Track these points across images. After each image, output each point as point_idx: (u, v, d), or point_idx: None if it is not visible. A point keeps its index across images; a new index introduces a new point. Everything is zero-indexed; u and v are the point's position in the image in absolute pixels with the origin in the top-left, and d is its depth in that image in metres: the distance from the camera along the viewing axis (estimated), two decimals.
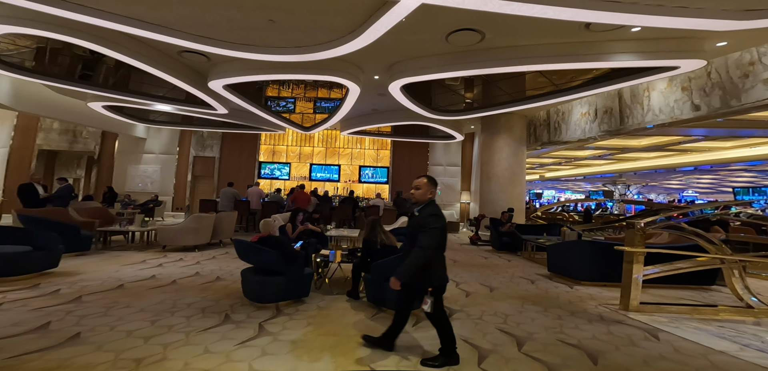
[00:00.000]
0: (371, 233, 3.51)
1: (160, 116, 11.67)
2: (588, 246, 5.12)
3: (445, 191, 13.89)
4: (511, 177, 10.24)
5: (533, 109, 10.09)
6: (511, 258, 7.25)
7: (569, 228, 8.49)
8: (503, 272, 5.66)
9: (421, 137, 12.97)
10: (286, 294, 3.31)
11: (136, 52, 4.92)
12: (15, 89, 7.62)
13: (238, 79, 5.90)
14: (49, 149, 12.67)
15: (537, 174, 26.20)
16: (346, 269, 4.33)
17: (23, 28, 4.11)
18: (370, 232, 3.52)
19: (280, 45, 4.76)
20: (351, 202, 9.63)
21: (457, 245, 8.79)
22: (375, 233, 3.49)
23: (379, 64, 6.24)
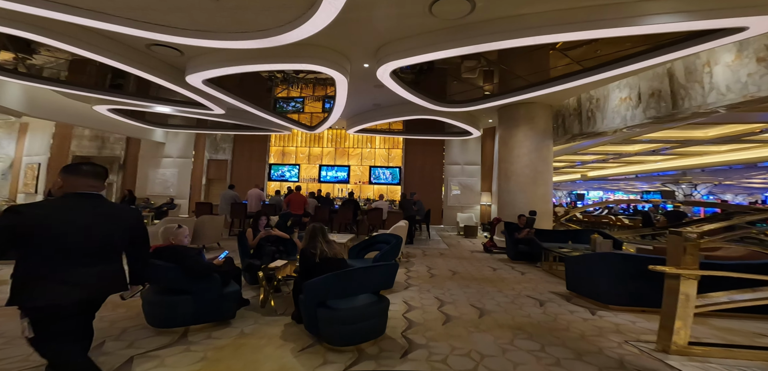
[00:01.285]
0: (310, 243, 2.83)
1: (177, 120, 11.95)
2: (618, 260, 3.99)
3: (463, 193, 12.80)
4: (534, 176, 8.99)
5: (559, 97, 8.80)
6: (527, 270, 6.16)
7: (603, 235, 7.17)
8: (508, 290, 4.68)
9: (435, 134, 12.04)
10: (197, 316, 2.73)
11: (102, 48, 4.72)
12: (28, 96, 7.98)
13: (215, 72, 5.53)
14: (82, 154, 13.54)
15: (577, 173, 23.59)
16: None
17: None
18: (309, 242, 2.84)
19: (237, 29, 4.26)
20: (352, 204, 9.01)
21: (467, 253, 7.80)
22: (314, 244, 2.80)
23: (364, 49, 5.56)
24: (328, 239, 2.86)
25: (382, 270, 2.67)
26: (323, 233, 2.86)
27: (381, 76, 5.87)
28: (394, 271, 2.75)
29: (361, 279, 2.56)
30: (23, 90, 7.84)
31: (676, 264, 2.77)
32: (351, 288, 2.55)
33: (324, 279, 2.47)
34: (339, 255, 2.83)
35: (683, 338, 2.80)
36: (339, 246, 2.91)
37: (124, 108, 9.19)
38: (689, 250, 2.71)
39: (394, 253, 4.20)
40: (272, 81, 10.65)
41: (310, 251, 2.77)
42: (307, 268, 2.75)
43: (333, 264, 2.73)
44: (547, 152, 9.29)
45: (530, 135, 9.12)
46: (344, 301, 2.54)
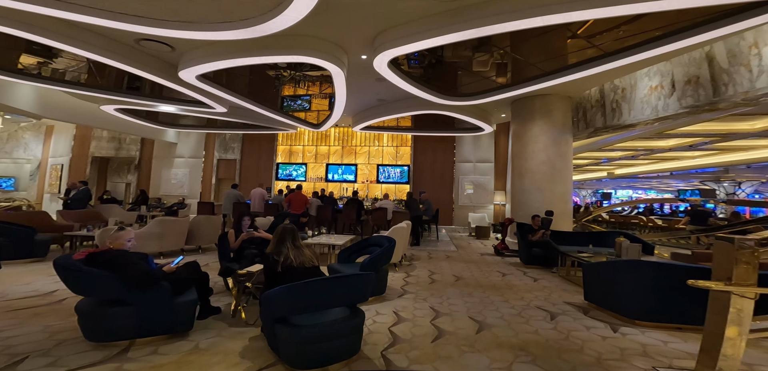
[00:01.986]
0: (275, 248, 2.48)
1: (188, 120, 12.08)
2: (648, 269, 3.39)
3: (475, 192, 12.20)
4: (551, 173, 8.31)
5: (578, 87, 8.10)
6: (541, 276, 5.60)
7: (630, 238, 6.48)
8: (516, 299, 4.18)
9: (445, 131, 11.51)
10: (141, 329, 2.43)
11: (89, 43, 4.61)
12: (40, 98, 8.16)
13: (207, 67, 5.33)
14: (101, 156, 13.98)
15: (603, 171, 22.06)
16: None
17: None
18: (274, 246, 2.50)
19: (220, 19, 4.01)
20: (355, 204, 8.67)
21: (476, 256, 7.29)
22: (279, 249, 2.45)
23: (360, 37, 5.20)
24: (298, 245, 2.51)
25: (352, 282, 2.29)
26: (293, 236, 2.51)
27: (378, 66, 5.49)
28: (368, 282, 2.37)
29: (326, 291, 2.19)
30: (36, 92, 8.03)
31: (724, 277, 2.22)
32: (316, 301, 2.18)
33: (280, 292, 2.12)
34: (309, 263, 2.47)
35: (733, 362, 2.25)
36: (311, 252, 2.55)
37: (132, 108, 9.27)
38: (744, 260, 2.16)
39: (385, 258, 3.82)
40: (279, 79, 10.51)
41: (273, 257, 2.43)
42: (269, 276, 2.42)
43: (296, 274, 2.37)
44: (566, 148, 8.58)
45: (547, 129, 8.45)
46: (309, 316, 2.19)
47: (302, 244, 2.53)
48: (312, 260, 2.48)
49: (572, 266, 5.78)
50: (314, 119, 10.71)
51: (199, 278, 2.85)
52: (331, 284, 2.20)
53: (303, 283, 2.10)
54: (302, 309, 2.16)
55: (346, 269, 3.73)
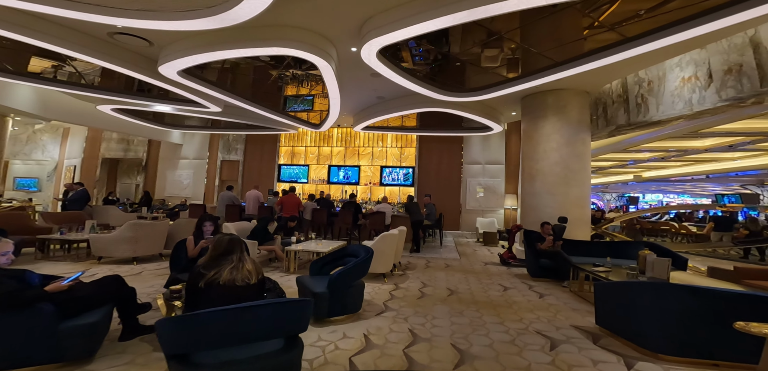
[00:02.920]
0: (208, 261, 2.01)
1: (193, 121, 12.07)
2: (679, 295, 2.72)
3: (485, 195, 11.51)
4: (565, 175, 7.57)
5: (597, 81, 7.36)
6: (548, 291, 4.95)
7: (657, 250, 5.71)
8: (514, 320, 3.59)
9: (451, 130, 10.91)
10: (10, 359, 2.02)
11: (61, 38, 4.41)
12: (40, 99, 8.22)
13: (187, 61, 5.04)
14: (110, 157, 14.24)
15: (629, 173, 20.46)
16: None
17: None
18: (213, 259, 2.01)
19: (184, 7, 3.67)
20: (352, 207, 8.24)
21: (479, 266, 6.68)
22: (218, 263, 1.99)
23: (346, 26, 4.77)
24: (241, 258, 2.03)
25: (283, 310, 1.82)
26: (230, 248, 2.03)
27: (367, 57, 5.04)
28: (305, 309, 1.89)
29: (245, 321, 1.71)
30: (35, 92, 8.08)
31: None
32: (229, 334, 1.72)
33: (172, 323, 1.67)
34: (242, 281, 1.99)
35: None
36: (252, 268, 2.07)
37: (130, 108, 9.24)
38: None
39: (358, 271, 3.34)
40: (282, 79, 10.28)
41: (199, 271, 1.99)
42: (188, 294, 1.98)
43: (218, 293, 1.90)
44: (583, 147, 7.82)
45: (560, 127, 7.73)
46: (223, 352, 1.74)
47: (249, 259, 2.08)
48: (247, 279, 2.01)
49: (586, 281, 5.09)
50: (316, 119, 10.40)
51: (119, 295, 2.47)
52: (251, 312, 1.72)
53: (208, 312, 1.64)
54: (210, 343, 1.71)
55: (313, 283, 3.28)
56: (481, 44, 6.76)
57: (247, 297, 1.88)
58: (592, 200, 29.72)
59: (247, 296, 1.90)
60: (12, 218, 5.46)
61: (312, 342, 2.78)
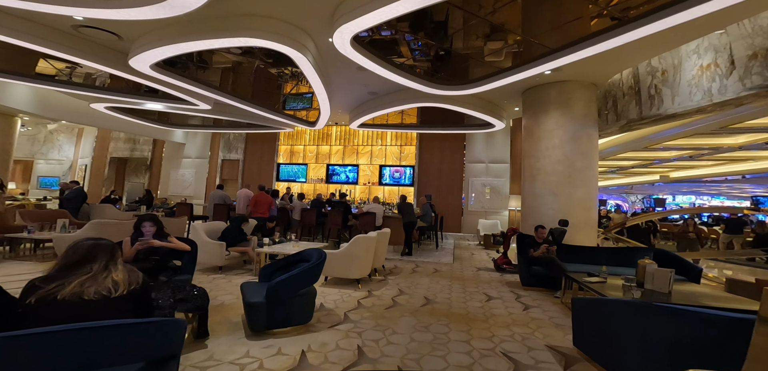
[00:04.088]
0: (61, 271, 1.62)
1: (195, 120, 12.15)
2: (661, 316, 2.23)
3: (487, 197, 10.94)
4: (569, 174, 6.98)
5: (604, 71, 6.76)
6: (537, 303, 4.48)
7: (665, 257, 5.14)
8: (483, 337, 3.18)
9: (452, 127, 10.41)
10: None
11: (23, 32, 4.34)
12: (38, 98, 8.40)
13: (155, 53, 4.85)
14: (118, 156, 14.61)
15: (655, 173, 18.93)
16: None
17: None
18: (62, 269, 1.62)
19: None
20: (341, 207, 7.95)
21: (470, 273, 6.23)
22: (57, 276, 1.59)
23: (318, 13, 4.47)
24: (107, 267, 1.72)
25: (129, 331, 1.48)
26: (90, 256, 1.67)
27: (341, 46, 4.72)
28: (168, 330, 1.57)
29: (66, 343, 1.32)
30: (32, 91, 8.25)
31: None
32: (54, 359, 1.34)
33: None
34: (98, 294, 1.60)
35: None
36: (122, 278, 1.68)
37: (126, 106, 9.32)
38: None
39: (302, 279, 3.03)
40: (281, 77, 10.16)
41: (34, 284, 1.59)
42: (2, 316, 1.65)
43: (51, 313, 1.51)
44: (589, 144, 7.19)
45: (563, 123, 7.14)
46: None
47: (121, 269, 1.78)
48: (107, 292, 1.62)
49: (580, 291, 4.57)
50: (314, 117, 10.18)
51: None
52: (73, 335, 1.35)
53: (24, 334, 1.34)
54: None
55: (252, 291, 2.99)
56: (478, 34, 6.33)
57: (99, 314, 1.58)
58: (616, 201, 28.09)
59: (100, 313, 1.59)
60: None
61: (235, 358, 2.50)
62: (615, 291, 3.64)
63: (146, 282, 1.82)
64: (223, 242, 5.05)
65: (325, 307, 3.78)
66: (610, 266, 5.15)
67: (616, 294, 3.53)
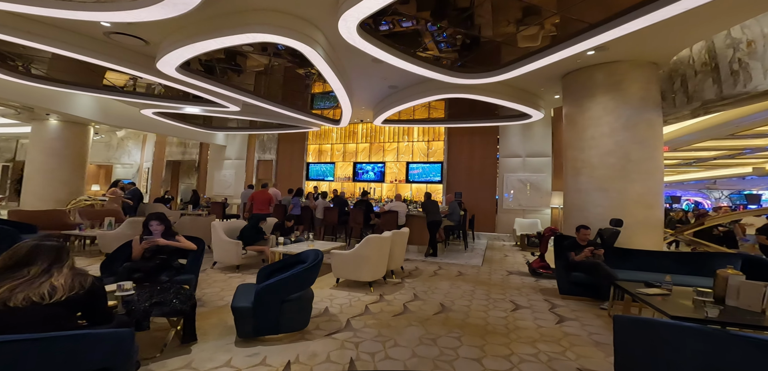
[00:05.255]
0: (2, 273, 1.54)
1: (233, 123, 12.84)
2: (744, 349, 1.62)
3: (528, 194, 10.01)
4: (622, 166, 6.02)
5: (669, 45, 5.73)
6: (576, 314, 3.82)
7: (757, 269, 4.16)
8: (500, 355, 2.70)
9: (484, 120, 9.66)
10: None
11: (59, 40, 4.71)
12: (101, 106, 9.36)
13: (176, 55, 4.99)
14: (172, 160, 15.98)
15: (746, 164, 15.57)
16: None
17: None
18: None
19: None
20: (363, 206, 7.73)
21: (499, 276, 5.63)
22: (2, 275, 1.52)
23: (322, 2, 4.25)
24: (48, 270, 1.57)
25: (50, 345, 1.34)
26: (29, 259, 1.57)
27: (347, 35, 4.46)
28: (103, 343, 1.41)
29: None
30: (96, 101, 9.21)
31: None
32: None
33: None
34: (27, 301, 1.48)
35: None
36: (64, 283, 1.57)
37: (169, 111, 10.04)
38: None
39: (299, 281, 2.81)
40: (308, 77, 10.30)
41: None
42: None
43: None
44: (650, 132, 6.13)
45: (614, 108, 6.18)
46: None
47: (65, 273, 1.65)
48: (39, 298, 1.50)
49: (634, 303, 3.80)
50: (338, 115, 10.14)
51: None
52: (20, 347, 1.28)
53: None
54: None
55: (243, 294, 2.84)
56: (509, 20, 5.68)
57: (21, 323, 1.45)
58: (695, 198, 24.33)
59: (23, 321, 1.46)
60: (52, 215, 6.18)
61: (214, 366, 2.35)
62: (682, 308, 2.93)
63: (93, 287, 1.69)
64: (240, 242, 5.09)
65: (330, 312, 3.56)
66: (678, 274, 4.30)
67: (685, 312, 2.82)
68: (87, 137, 10.40)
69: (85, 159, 10.40)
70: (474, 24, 5.65)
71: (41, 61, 6.66)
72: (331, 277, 4.74)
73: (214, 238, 5.15)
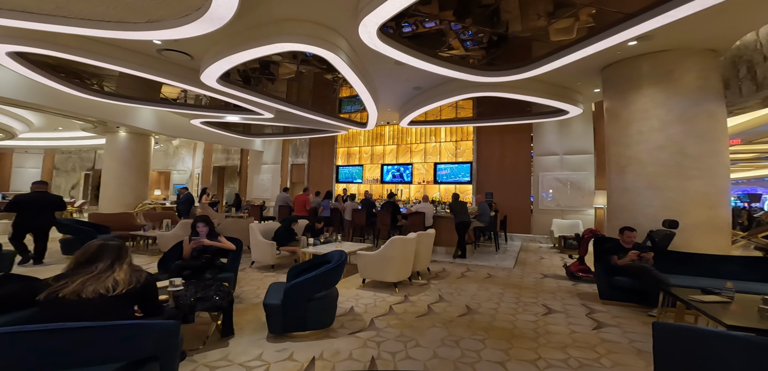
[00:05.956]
0: (65, 273, 1.79)
1: (269, 129, 13.58)
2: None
3: (569, 193, 9.45)
4: (677, 162, 5.49)
5: (730, 32, 5.20)
6: (616, 321, 3.55)
7: None
8: (528, 361, 2.60)
9: (515, 117, 9.27)
10: None
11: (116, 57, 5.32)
12: (158, 118, 10.39)
13: (215, 68, 5.42)
14: (218, 165, 17.25)
15: None
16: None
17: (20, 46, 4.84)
18: (68, 270, 1.80)
19: (182, 13, 3.89)
20: (390, 207, 7.76)
21: (533, 279, 5.39)
22: (67, 274, 1.77)
23: (344, 9, 4.39)
24: (111, 266, 1.81)
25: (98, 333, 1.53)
26: (97, 255, 1.82)
27: (368, 39, 4.55)
28: (144, 332, 1.59)
29: (39, 345, 1.45)
30: (154, 114, 10.25)
31: None
32: (33, 360, 1.45)
33: None
34: (95, 293, 1.71)
35: None
36: (123, 278, 1.80)
37: (213, 121, 10.86)
38: None
39: (323, 281, 2.93)
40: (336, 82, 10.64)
41: (47, 282, 1.77)
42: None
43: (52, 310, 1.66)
44: (710, 123, 5.55)
45: (665, 100, 5.67)
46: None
47: (125, 268, 1.91)
48: (104, 291, 1.74)
49: (688, 311, 3.44)
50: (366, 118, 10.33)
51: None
52: (40, 336, 1.43)
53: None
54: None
55: (274, 292, 3.02)
56: (539, 13, 5.43)
57: (90, 312, 1.68)
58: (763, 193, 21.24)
59: (92, 311, 1.69)
60: (122, 217, 7.01)
61: (247, 360, 2.53)
62: (742, 317, 2.62)
63: (147, 282, 1.92)
64: (274, 242, 5.37)
65: (355, 311, 3.65)
66: (745, 281, 3.85)
67: (745, 321, 2.52)
68: (149, 147, 11.57)
69: (148, 166, 11.57)
70: (500, 20, 5.48)
71: (111, 79, 7.59)
72: (357, 278, 4.85)
73: (252, 239, 5.49)
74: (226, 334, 2.86)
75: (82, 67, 6.67)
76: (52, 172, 18.92)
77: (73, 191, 19.04)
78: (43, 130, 13.36)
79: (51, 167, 18.99)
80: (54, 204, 5.67)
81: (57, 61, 5.79)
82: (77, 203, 15.68)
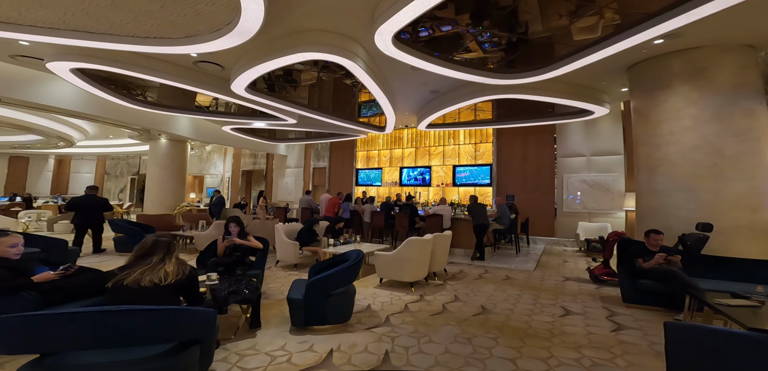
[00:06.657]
0: (127, 264, 2.13)
1: (292, 134, 14.13)
2: None
3: (598, 195, 9.13)
4: (713, 163, 5.25)
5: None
6: (637, 324, 3.48)
7: None
8: (539, 359, 2.63)
9: (537, 118, 9.10)
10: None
11: (160, 70, 5.86)
12: (194, 125, 11.16)
13: (244, 77, 5.81)
14: (246, 170, 18.10)
15: None
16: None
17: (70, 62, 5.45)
18: (133, 260, 2.15)
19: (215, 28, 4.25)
20: (408, 209, 7.86)
21: (553, 282, 5.31)
22: (129, 266, 2.11)
23: (360, 18, 4.59)
24: (163, 259, 2.12)
25: (151, 316, 1.77)
26: (152, 250, 2.13)
27: (384, 47, 4.72)
28: (188, 317, 1.84)
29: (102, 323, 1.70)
30: (190, 121, 11.02)
31: None
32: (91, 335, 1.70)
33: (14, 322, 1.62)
34: (151, 283, 2.01)
35: None
36: (173, 270, 2.10)
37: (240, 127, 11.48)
38: None
39: (342, 278, 3.12)
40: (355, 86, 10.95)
41: (114, 272, 2.08)
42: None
43: (119, 296, 1.99)
44: (750, 121, 5.29)
45: (699, 98, 5.44)
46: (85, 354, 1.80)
47: (174, 261, 2.20)
48: (158, 281, 2.04)
49: (716, 315, 3.30)
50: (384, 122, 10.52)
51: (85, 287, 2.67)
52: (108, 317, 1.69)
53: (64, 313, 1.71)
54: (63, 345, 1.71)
55: (297, 288, 3.23)
56: (560, 13, 5.38)
57: (148, 299, 1.97)
58: None
59: (149, 297, 1.98)
60: (164, 218, 7.64)
61: (272, 349, 2.75)
62: (766, 320, 2.52)
63: (192, 274, 2.22)
64: (297, 242, 5.66)
65: (371, 309, 3.81)
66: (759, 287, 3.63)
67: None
68: (186, 152, 12.42)
69: (185, 171, 12.42)
70: (519, 21, 5.47)
71: (153, 89, 8.32)
72: (375, 277, 5.01)
73: (277, 239, 5.82)
74: (254, 326, 3.12)
75: (129, 80, 7.38)
76: (104, 176, 20.71)
77: (121, 194, 20.74)
78: (97, 138, 14.72)
79: (102, 172, 20.81)
80: (101, 206, 6.83)
81: (108, 74, 6.46)
82: (125, 206, 17.06)
